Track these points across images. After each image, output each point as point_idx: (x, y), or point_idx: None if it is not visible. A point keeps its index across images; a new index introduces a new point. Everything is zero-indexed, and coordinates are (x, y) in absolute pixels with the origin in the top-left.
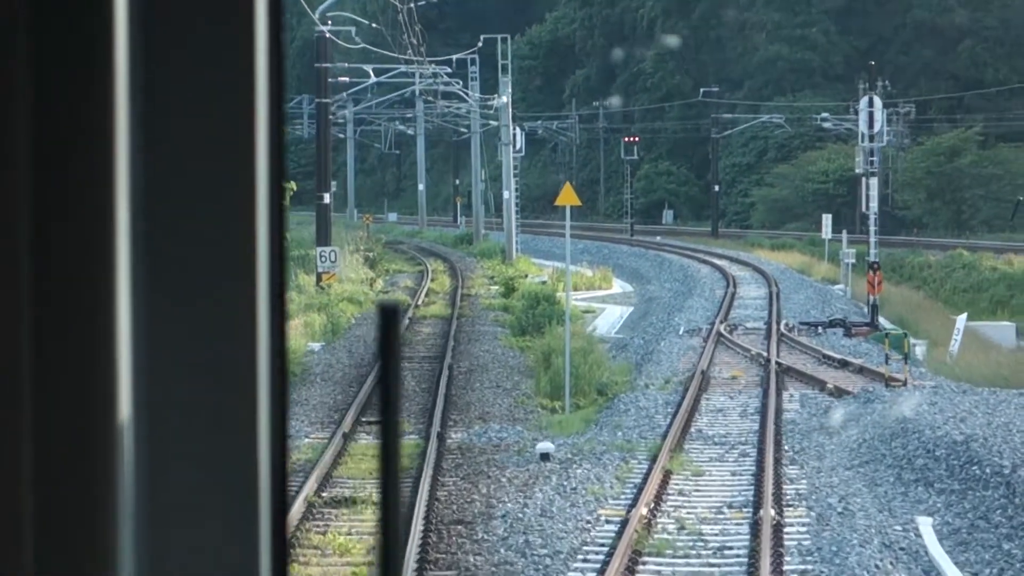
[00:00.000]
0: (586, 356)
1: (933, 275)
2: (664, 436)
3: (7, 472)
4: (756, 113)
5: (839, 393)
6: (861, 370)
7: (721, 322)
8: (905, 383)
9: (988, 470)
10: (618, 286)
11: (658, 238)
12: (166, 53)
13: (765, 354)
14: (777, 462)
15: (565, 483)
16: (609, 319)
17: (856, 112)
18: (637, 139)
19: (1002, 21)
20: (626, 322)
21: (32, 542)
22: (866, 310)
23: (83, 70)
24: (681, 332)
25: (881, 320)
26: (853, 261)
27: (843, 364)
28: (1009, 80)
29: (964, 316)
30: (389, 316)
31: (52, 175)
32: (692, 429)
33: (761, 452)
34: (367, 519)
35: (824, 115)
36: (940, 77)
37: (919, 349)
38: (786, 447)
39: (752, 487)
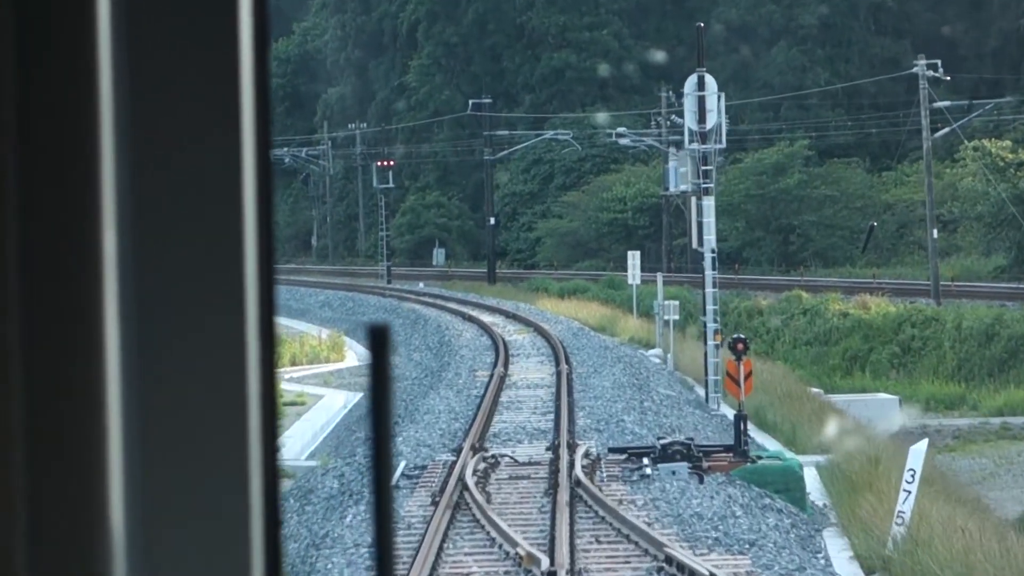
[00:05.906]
0: None
1: (765, 324)
2: None
3: None
4: (540, 130)
5: None
6: None
7: (473, 447)
8: None
9: None
10: (354, 356)
11: (421, 285)
12: (150, 51)
13: (547, 545)
14: None
15: None
16: (318, 420)
17: (659, 124)
18: (392, 163)
19: (821, 19)
20: (340, 426)
21: (24, 546)
22: (703, 394)
23: (67, 77)
24: (400, 473)
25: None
26: (676, 317)
27: None
28: (832, 84)
29: (923, 446)
30: (379, 336)
31: (39, 176)
32: None
33: None
34: None
35: (620, 130)
36: (752, 84)
37: (809, 476)
38: None
39: None
